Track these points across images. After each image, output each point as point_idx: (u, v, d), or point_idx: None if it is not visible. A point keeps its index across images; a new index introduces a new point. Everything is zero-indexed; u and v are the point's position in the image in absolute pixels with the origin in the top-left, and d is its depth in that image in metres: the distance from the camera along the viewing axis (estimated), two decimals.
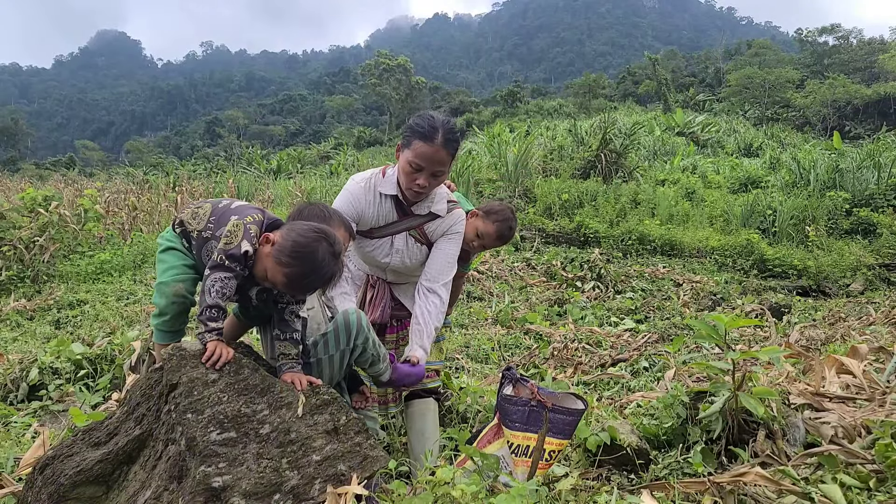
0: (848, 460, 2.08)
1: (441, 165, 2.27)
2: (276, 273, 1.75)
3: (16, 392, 3.45)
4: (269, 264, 1.76)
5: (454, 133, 2.29)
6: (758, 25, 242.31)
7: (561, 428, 2.13)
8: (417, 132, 2.25)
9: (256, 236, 1.80)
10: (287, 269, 1.73)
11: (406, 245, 2.49)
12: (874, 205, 11.48)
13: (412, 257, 2.51)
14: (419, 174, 2.28)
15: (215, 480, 1.54)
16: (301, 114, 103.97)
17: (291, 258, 1.73)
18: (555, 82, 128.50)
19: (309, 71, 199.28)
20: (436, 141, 2.23)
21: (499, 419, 2.19)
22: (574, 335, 5.26)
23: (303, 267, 1.73)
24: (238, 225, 1.79)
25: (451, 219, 2.51)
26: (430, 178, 2.29)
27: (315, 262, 1.73)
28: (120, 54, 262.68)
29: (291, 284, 1.76)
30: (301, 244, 1.73)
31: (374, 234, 2.46)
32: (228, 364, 1.76)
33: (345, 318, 2.02)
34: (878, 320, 5.41)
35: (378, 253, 2.49)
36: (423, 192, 2.35)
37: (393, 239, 2.48)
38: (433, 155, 2.24)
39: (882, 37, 55.64)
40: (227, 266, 1.75)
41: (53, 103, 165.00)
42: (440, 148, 2.24)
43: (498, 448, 2.14)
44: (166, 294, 1.88)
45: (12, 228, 7.47)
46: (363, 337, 2.03)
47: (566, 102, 49.53)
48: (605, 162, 14.28)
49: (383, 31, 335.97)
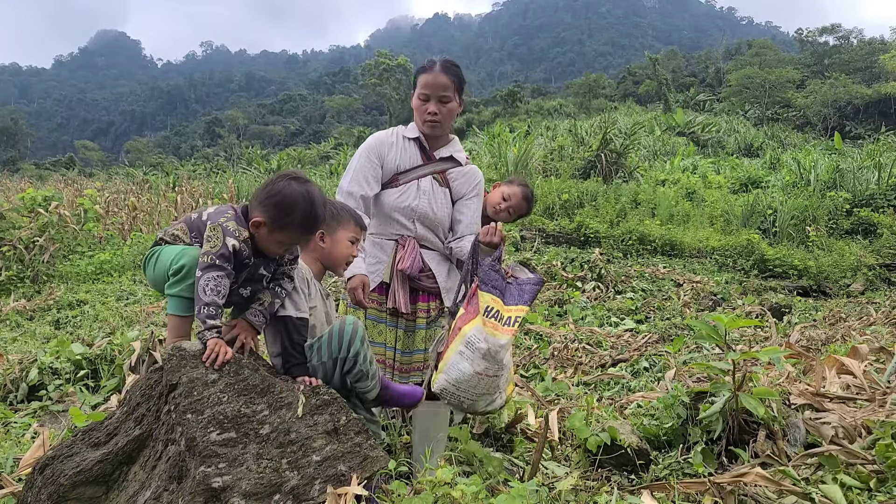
0: (848, 461, 2.08)
1: (444, 90, 2.47)
2: (288, 235, 1.82)
3: (16, 392, 3.45)
4: (277, 237, 1.82)
5: (452, 63, 2.52)
6: (758, 25, 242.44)
7: (528, 298, 2.25)
8: (420, 70, 2.52)
9: (237, 230, 1.81)
10: (294, 223, 1.80)
11: (432, 188, 2.58)
12: (875, 205, 11.47)
13: (437, 202, 2.59)
14: (428, 104, 2.48)
15: (215, 481, 1.54)
16: (301, 114, 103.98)
17: (288, 213, 1.79)
18: (555, 82, 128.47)
19: (309, 71, 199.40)
20: (434, 69, 2.47)
21: (476, 286, 2.21)
22: (574, 335, 5.25)
23: (301, 209, 1.80)
24: (215, 227, 1.80)
25: (472, 174, 2.68)
26: (438, 104, 2.48)
27: (305, 198, 1.80)
28: (120, 54, 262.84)
29: (306, 228, 1.84)
30: (283, 198, 1.79)
31: (401, 179, 2.56)
32: (228, 364, 1.76)
33: (340, 326, 1.99)
34: (879, 320, 5.40)
35: (406, 197, 2.55)
36: (437, 120, 2.50)
37: (419, 182, 2.57)
38: (434, 81, 2.46)
39: (882, 37, 55.67)
40: (219, 265, 1.75)
41: (53, 103, 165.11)
42: (439, 73, 2.46)
43: (472, 327, 2.12)
44: (190, 254, 1.81)
45: (12, 228, 7.47)
46: (356, 349, 1.97)
47: (566, 102, 49.50)
48: (605, 162, 14.29)
49: (383, 31, 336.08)
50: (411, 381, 2.52)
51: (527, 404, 3.11)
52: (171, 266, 1.81)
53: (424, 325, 2.57)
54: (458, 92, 2.52)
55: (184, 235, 1.91)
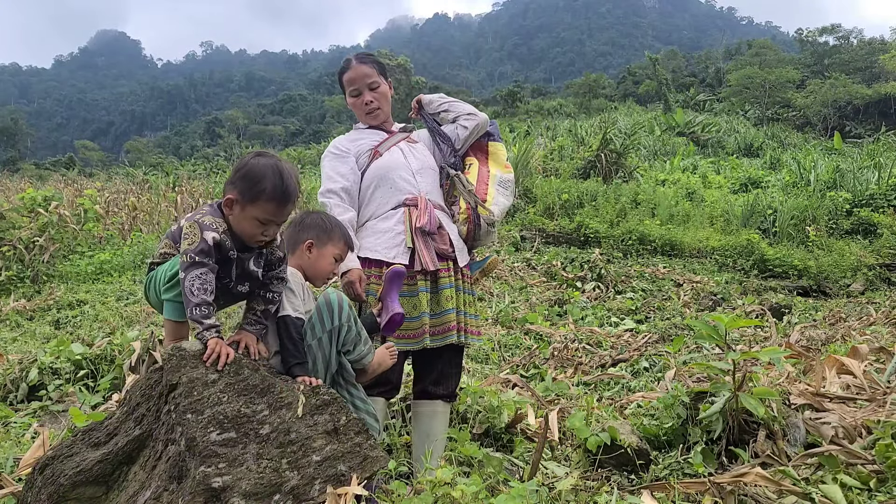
0: (848, 461, 2.08)
1: (369, 77, 2.56)
2: (261, 209, 1.77)
3: (16, 392, 3.45)
4: (250, 212, 1.77)
5: (366, 54, 2.63)
6: (758, 25, 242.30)
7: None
8: (341, 73, 2.62)
9: (214, 223, 1.77)
10: (264, 193, 1.75)
11: (410, 147, 2.65)
12: (874, 205, 11.47)
13: (424, 154, 2.67)
14: (361, 96, 2.58)
15: (215, 481, 1.54)
16: (301, 114, 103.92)
17: (256, 182, 1.76)
18: (555, 82, 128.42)
19: (309, 71, 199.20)
20: (351, 65, 2.57)
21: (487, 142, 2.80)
22: (574, 335, 5.26)
23: (271, 179, 1.76)
24: (192, 225, 1.76)
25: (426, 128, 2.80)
26: (368, 92, 2.57)
27: (273, 168, 1.77)
28: (120, 54, 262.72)
29: (279, 200, 1.78)
30: (250, 169, 1.77)
31: (381, 150, 2.60)
32: (228, 364, 1.76)
33: (325, 298, 2.00)
34: (879, 320, 5.41)
35: (397, 156, 2.58)
36: (375, 106, 2.60)
37: (399, 146, 2.63)
38: (356, 73, 2.56)
39: (882, 37, 55.61)
40: (199, 262, 1.71)
41: (53, 103, 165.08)
42: (356, 65, 2.56)
43: (496, 171, 2.75)
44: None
45: (12, 228, 7.48)
46: (346, 313, 2.00)
47: (566, 102, 49.49)
48: (605, 162, 14.29)
49: (383, 31, 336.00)
50: (447, 341, 2.42)
51: (527, 404, 3.12)
52: (165, 276, 1.81)
53: (447, 286, 2.48)
54: (382, 76, 2.60)
55: (171, 250, 1.89)
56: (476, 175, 2.69)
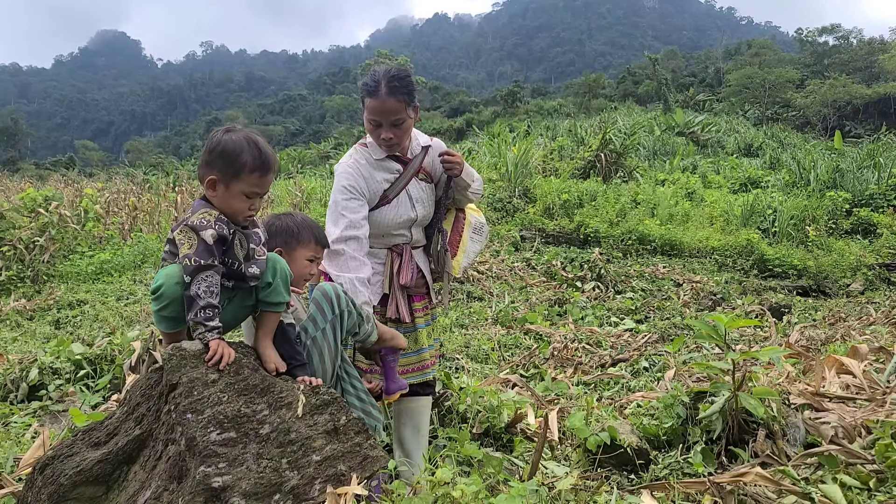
0: (848, 460, 2.08)
1: (395, 114, 2.29)
2: (246, 182, 1.76)
3: (16, 392, 3.45)
4: (236, 187, 1.76)
5: (398, 79, 2.27)
6: (758, 25, 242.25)
7: None
8: (365, 89, 2.31)
9: (204, 215, 1.75)
10: (246, 166, 1.75)
11: (420, 189, 2.53)
12: (874, 205, 11.49)
13: (427, 201, 2.56)
14: (380, 129, 2.33)
15: (215, 480, 1.54)
16: (301, 114, 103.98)
17: (236, 156, 1.75)
18: (555, 82, 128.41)
19: (309, 71, 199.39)
20: (380, 93, 2.25)
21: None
22: (574, 335, 5.26)
23: (249, 151, 1.76)
24: (183, 230, 1.74)
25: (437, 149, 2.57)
26: (391, 128, 2.32)
27: (248, 139, 1.77)
28: (120, 54, 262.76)
29: (262, 169, 1.78)
30: (225, 146, 1.76)
31: (391, 195, 2.46)
32: (229, 364, 1.76)
33: (321, 290, 2.00)
34: (879, 320, 5.41)
35: (403, 210, 2.48)
36: (395, 143, 2.38)
37: (408, 190, 2.49)
38: (382, 107, 2.27)
39: (882, 37, 55.67)
40: (204, 264, 1.70)
41: (53, 103, 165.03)
42: (386, 98, 2.25)
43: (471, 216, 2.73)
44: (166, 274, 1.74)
45: (12, 228, 7.48)
46: (344, 299, 2.01)
47: (566, 102, 49.52)
48: (605, 162, 14.30)
49: (383, 31, 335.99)
50: (428, 377, 2.55)
51: (526, 404, 3.12)
52: (151, 288, 1.79)
53: (424, 325, 2.58)
54: (409, 106, 2.33)
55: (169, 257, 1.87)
56: (451, 222, 2.67)
